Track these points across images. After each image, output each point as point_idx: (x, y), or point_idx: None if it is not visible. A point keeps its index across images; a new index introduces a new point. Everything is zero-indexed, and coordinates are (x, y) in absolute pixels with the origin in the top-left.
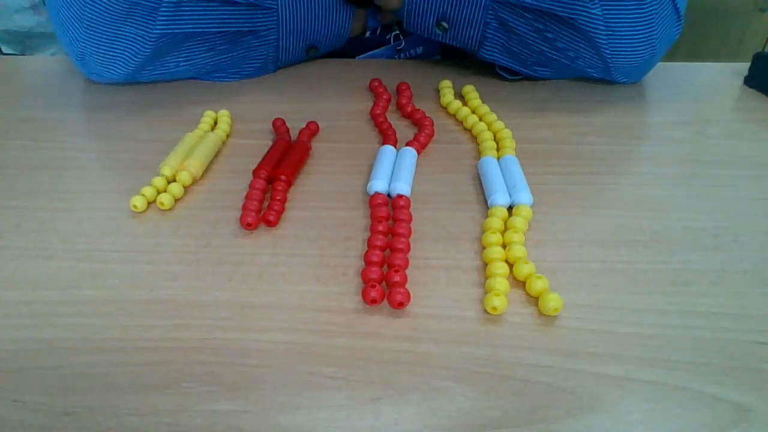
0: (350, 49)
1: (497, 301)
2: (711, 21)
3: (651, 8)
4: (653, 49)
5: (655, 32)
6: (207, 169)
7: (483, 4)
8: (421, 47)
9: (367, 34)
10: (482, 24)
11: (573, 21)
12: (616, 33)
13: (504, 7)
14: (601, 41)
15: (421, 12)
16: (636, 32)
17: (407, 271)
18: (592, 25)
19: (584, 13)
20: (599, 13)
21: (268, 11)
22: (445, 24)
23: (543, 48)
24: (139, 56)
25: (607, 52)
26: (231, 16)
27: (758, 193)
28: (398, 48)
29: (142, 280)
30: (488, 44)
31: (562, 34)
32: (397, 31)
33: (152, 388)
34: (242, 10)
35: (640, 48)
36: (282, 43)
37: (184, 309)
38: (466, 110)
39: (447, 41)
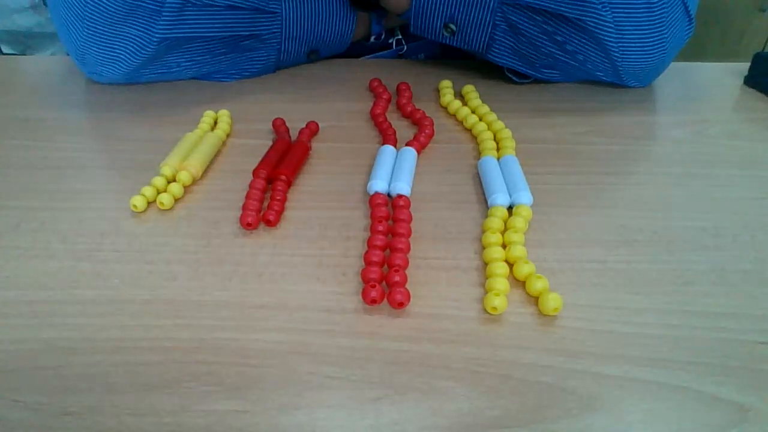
0: (352, 53)
1: (497, 301)
2: (711, 21)
3: (662, 11)
4: (663, 53)
5: (666, 35)
6: (207, 169)
7: (491, 5)
8: (422, 54)
9: (372, 39)
10: (491, 26)
11: (582, 23)
12: (626, 36)
13: (513, 8)
14: (610, 45)
15: (428, 15)
16: (646, 36)
17: (407, 271)
18: (601, 29)
19: (594, 16)
20: (609, 16)
21: (271, 16)
22: (452, 26)
23: (552, 50)
24: (140, 57)
25: (617, 55)
26: (234, 21)
27: (758, 193)
28: (400, 53)
29: (142, 280)
30: (496, 47)
31: (572, 37)
32: (400, 36)
33: (152, 388)
34: (246, 15)
35: (650, 51)
36: (284, 46)
37: (184, 309)
38: (466, 110)
39: (455, 44)
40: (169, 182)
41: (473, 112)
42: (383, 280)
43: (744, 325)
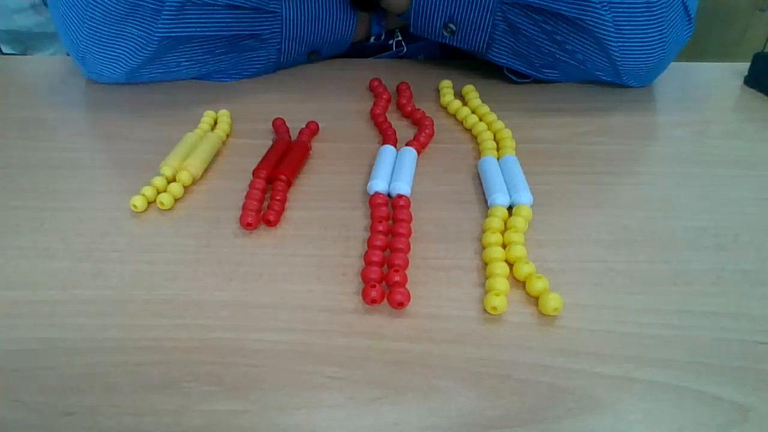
0: (352, 54)
1: (497, 301)
2: (711, 21)
3: (661, 11)
4: (663, 53)
5: (666, 35)
6: (207, 169)
7: (491, 5)
8: (422, 55)
9: (372, 40)
10: (490, 26)
11: (582, 23)
12: (626, 36)
13: (512, 8)
14: (610, 44)
15: (428, 15)
16: (646, 36)
17: (407, 271)
18: (601, 28)
19: (594, 16)
20: (609, 16)
21: (271, 16)
22: (452, 26)
23: (552, 50)
24: (140, 56)
25: (617, 55)
26: (234, 20)
27: (758, 193)
28: (400, 55)
29: (142, 280)
30: (496, 46)
31: (571, 37)
32: (400, 38)
33: (152, 388)
34: (246, 15)
35: (650, 51)
36: (284, 46)
37: (184, 309)
38: (466, 110)
39: (454, 44)
40: (169, 182)
41: (473, 112)
42: (383, 280)
43: (744, 325)
